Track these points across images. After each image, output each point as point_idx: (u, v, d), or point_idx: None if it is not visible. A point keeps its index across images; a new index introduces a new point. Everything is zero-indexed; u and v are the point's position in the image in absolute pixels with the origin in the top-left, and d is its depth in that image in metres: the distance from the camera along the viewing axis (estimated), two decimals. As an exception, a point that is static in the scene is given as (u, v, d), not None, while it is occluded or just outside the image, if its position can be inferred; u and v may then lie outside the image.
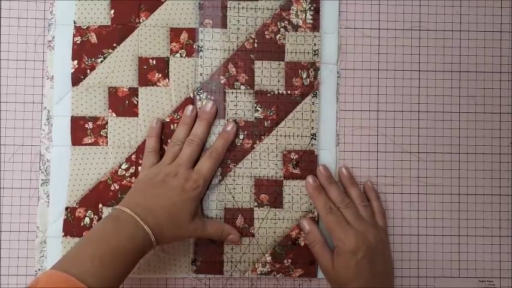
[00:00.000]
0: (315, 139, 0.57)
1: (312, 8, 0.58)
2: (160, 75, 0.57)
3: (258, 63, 0.57)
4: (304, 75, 0.57)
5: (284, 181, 0.57)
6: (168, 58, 0.57)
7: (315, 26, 0.58)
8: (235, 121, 0.57)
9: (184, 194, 0.51)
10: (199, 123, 0.56)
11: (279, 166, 0.57)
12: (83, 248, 0.46)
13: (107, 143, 0.57)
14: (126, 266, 0.47)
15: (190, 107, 0.56)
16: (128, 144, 0.57)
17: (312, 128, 0.57)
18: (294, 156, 0.57)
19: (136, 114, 0.57)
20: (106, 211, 0.56)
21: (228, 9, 0.57)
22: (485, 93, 0.59)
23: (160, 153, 0.56)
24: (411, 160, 0.58)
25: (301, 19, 0.58)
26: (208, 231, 0.54)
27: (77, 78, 0.57)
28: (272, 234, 0.57)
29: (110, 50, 0.57)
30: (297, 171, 0.57)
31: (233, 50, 0.57)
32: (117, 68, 0.57)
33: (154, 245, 0.49)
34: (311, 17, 0.58)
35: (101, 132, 0.57)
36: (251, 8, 0.57)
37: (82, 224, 0.56)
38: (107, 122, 0.57)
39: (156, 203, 0.50)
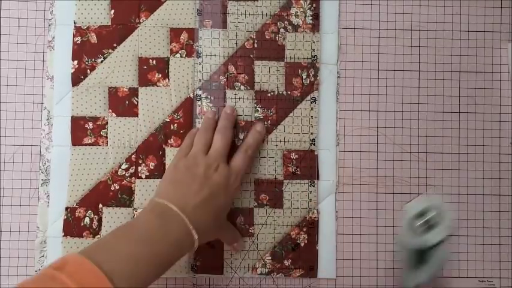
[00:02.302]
0: (314, 144, 0.57)
1: (312, 8, 0.58)
2: (160, 75, 0.57)
3: (258, 64, 0.57)
4: (304, 76, 0.57)
5: (284, 181, 0.57)
6: (168, 58, 0.57)
7: (315, 26, 0.58)
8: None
9: (228, 193, 0.50)
10: (224, 117, 0.55)
11: (279, 166, 0.57)
12: (122, 243, 0.43)
13: (107, 143, 0.57)
14: (159, 272, 0.44)
15: (210, 112, 0.56)
16: (127, 144, 0.57)
17: (312, 133, 0.57)
18: (294, 156, 0.57)
19: (136, 114, 0.57)
20: (106, 211, 0.56)
21: (228, 9, 0.57)
22: (485, 93, 0.59)
23: (160, 155, 0.56)
24: (411, 160, 0.58)
25: (301, 19, 0.58)
26: (229, 236, 0.54)
27: (77, 78, 0.57)
28: (272, 235, 0.57)
29: (110, 50, 0.57)
30: (297, 171, 0.57)
31: (233, 50, 0.57)
32: (117, 68, 0.57)
33: (194, 249, 0.47)
34: (311, 17, 0.58)
35: (101, 132, 0.57)
36: (251, 9, 0.57)
37: (82, 224, 0.56)
38: (107, 122, 0.57)
39: (204, 203, 0.48)
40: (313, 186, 0.57)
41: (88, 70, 0.57)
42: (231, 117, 0.55)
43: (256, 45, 0.57)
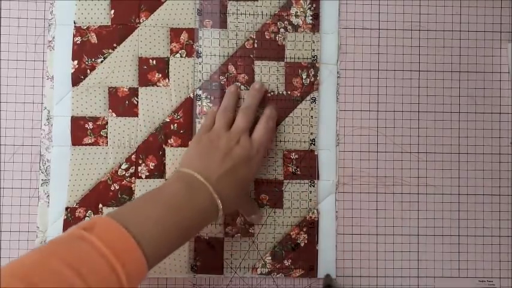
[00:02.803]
0: (314, 144, 0.57)
1: (312, 8, 0.58)
2: (160, 75, 0.57)
3: (258, 64, 0.57)
4: (304, 76, 0.57)
5: (284, 181, 0.57)
6: (168, 58, 0.57)
7: (315, 26, 0.58)
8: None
9: (251, 164, 0.51)
10: (251, 94, 0.55)
11: (279, 166, 0.57)
12: (150, 208, 0.44)
13: (107, 143, 0.57)
14: (185, 238, 0.46)
15: (232, 86, 0.56)
16: (127, 144, 0.57)
17: (312, 133, 0.57)
18: (294, 156, 0.57)
19: (136, 114, 0.57)
20: (106, 211, 0.56)
21: (228, 9, 0.57)
22: (485, 93, 0.59)
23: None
24: (411, 160, 0.58)
25: (301, 19, 0.58)
26: (248, 208, 0.55)
27: (77, 78, 0.57)
28: (272, 235, 0.57)
29: (110, 50, 0.57)
30: (297, 171, 0.57)
31: (233, 50, 0.57)
32: (117, 68, 0.57)
33: (218, 218, 0.48)
34: (311, 17, 0.58)
35: (101, 132, 0.57)
36: (251, 9, 0.57)
37: (82, 224, 0.56)
38: (107, 122, 0.57)
39: (227, 174, 0.49)
40: (313, 186, 0.57)
41: (88, 70, 0.57)
42: (258, 95, 0.56)
43: (256, 45, 0.57)
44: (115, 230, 0.40)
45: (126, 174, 0.56)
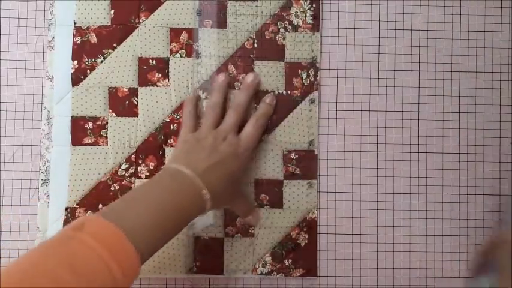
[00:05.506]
0: (314, 144, 0.57)
1: (312, 8, 0.58)
2: (160, 75, 0.57)
3: (258, 64, 0.57)
4: (304, 76, 0.57)
5: (284, 181, 0.57)
6: (168, 58, 0.57)
7: (315, 26, 0.58)
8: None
9: (238, 161, 0.51)
10: (242, 92, 0.55)
11: (279, 166, 0.57)
12: (138, 204, 0.44)
13: (106, 143, 0.57)
14: (174, 231, 0.46)
15: (220, 76, 0.56)
16: (127, 144, 0.57)
17: (311, 133, 0.57)
18: (294, 156, 0.57)
19: (136, 114, 0.57)
20: (106, 211, 0.56)
21: (228, 9, 0.57)
22: (485, 93, 0.59)
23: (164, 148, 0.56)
24: (411, 160, 0.58)
25: (301, 19, 0.58)
26: (242, 208, 0.55)
27: (77, 78, 0.57)
28: (272, 235, 0.57)
29: (110, 50, 0.57)
30: (297, 171, 0.57)
31: (233, 50, 0.57)
32: (117, 68, 0.57)
33: (206, 212, 0.48)
34: (311, 17, 0.58)
35: (101, 132, 0.57)
36: (251, 9, 0.57)
37: (82, 224, 0.56)
38: (106, 122, 0.57)
39: (214, 167, 0.49)
40: (313, 186, 0.57)
41: (88, 70, 0.57)
42: (250, 89, 0.55)
43: (256, 45, 0.57)
44: (105, 227, 0.40)
45: (126, 174, 0.56)
